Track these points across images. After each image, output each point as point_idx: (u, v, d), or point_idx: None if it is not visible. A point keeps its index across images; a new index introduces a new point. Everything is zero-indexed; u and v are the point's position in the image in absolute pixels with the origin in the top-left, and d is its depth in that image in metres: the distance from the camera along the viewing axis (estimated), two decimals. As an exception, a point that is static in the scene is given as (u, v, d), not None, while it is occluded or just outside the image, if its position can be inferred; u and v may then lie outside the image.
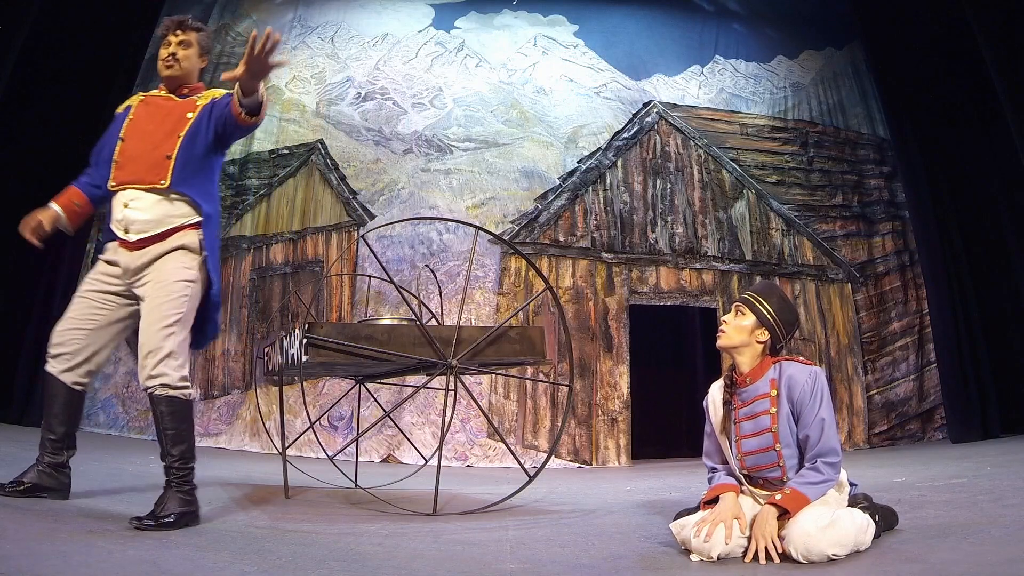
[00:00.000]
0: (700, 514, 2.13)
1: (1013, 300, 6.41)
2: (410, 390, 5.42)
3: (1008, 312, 6.49)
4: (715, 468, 2.31)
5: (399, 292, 3.46)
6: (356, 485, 3.85)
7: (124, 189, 2.51)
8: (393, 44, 8.04)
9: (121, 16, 6.61)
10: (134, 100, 2.70)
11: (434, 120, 7.67)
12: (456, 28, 8.14)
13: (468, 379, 5.94)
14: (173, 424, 2.38)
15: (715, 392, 2.31)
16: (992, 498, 2.70)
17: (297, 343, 2.97)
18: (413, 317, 3.40)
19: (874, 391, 7.15)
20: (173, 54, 2.61)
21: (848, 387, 7.07)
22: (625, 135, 7.69)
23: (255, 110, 2.45)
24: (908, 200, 7.32)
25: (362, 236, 6.81)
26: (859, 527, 1.93)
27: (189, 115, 2.56)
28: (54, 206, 2.66)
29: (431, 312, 4.52)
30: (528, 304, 6.60)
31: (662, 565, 1.97)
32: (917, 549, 1.92)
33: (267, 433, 6.02)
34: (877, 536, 2.02)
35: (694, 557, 1.98)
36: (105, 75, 6.53)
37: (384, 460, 6.38)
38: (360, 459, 4.39)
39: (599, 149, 7.61)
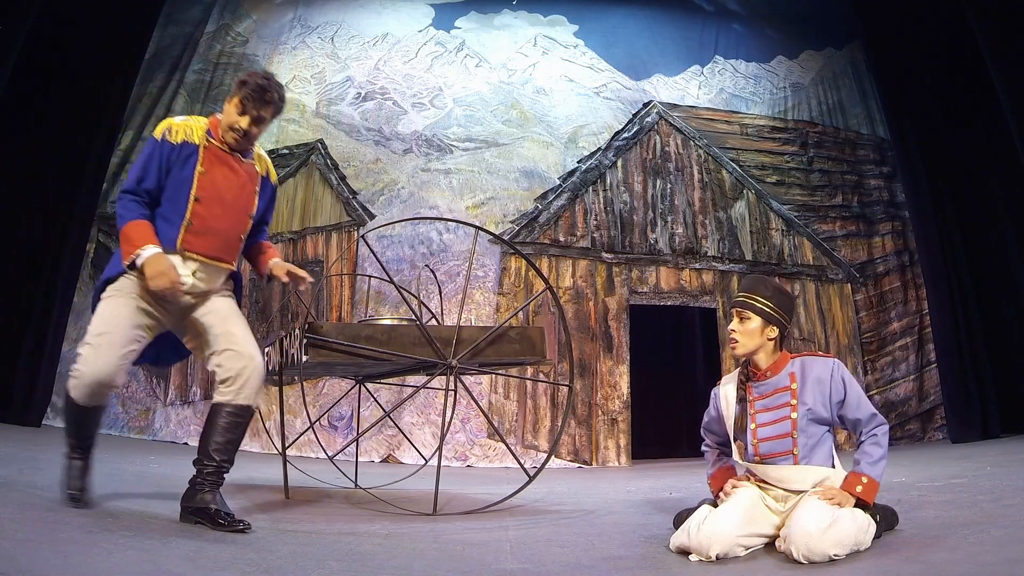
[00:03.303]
0: (703, 510, 2.13)
1: (1013, 300, 6.40)
2: (410, 390, 5.42)
3: (1008, 312, 6.49)
4: (709, 445, 2.48)
5: (399, 292, 3.46)
6: (356, 485, 3.85)
7: (195, 259, 2.44)
8: (393, 44, 8.04)
9: (121, 16, 6.61)
10: (195, 137, 2.45)
11: (434, 120, 7.67)
12: (456, 28, 8.14)
13: (468, 379, 5.94)
14: (243, 435, 2.48)
15: (728, 388, 2.35)
16: (992, 498, 2.70)
17: (297, 343, 2.98)
18: (413, 317, 3.40)
19: (874, 391, 7.15)
20: (247, 133, 2.48)
21: (848, 387, 7.06)
22: (625, 135, 7.70)
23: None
24: (908, 200, 7.32)
25: (362, 236, 6.81)
26: (860, 527, 1.93)
27: (255, 189, 2.59)
28: (156, 250, 2.35)
29: (431, 312, 4.52)
30: (528, 304, 6.60)
31: (662, 565, 1.97)
32: (917, 549, 1.92)
33: (267, 433, 6.02)
34: (878, 536, 2.02)
35: (693, 557, 1.98)
36: (105, 75, 6.53)
37: (384, 460, 6.38)
38: (360, 459, 4.39)
39: (599, 149, 7.61)
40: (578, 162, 7.54)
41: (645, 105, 7.86)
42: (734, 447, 2.29)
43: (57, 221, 6.19)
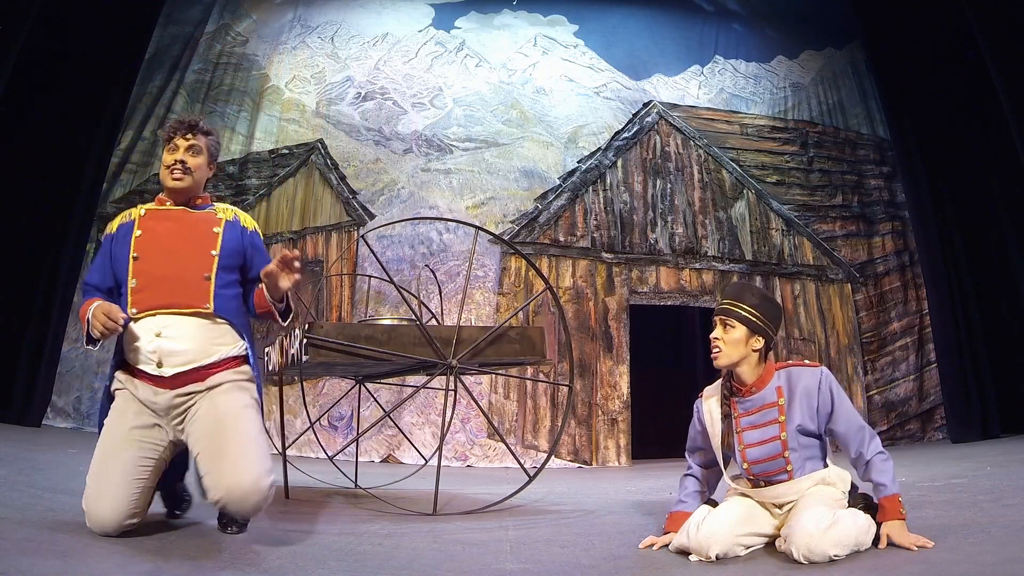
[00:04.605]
0: (702, 510, 2.12)
1: (1013, 300, 6.40)
2: (410, 390, 5.42)
3: (1008, 312, 6.49)
4: (691, 473, 2.31)
5: (399, 292, 3.46)
6: (356, 485, 3.85)
7: (153, 315, 2.12)
8: (393, 44, 8.05)
9: (121, 15, 6.61)
10: (131, 215, 2.30)
11: (434, 120, 7.67)
12: (456, 28, 8.14)
13: (468, 379, 5.93)
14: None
15: (711, 402, 2.24)
16: (992, 498, 2.70)
17: (297, 343, 2.97)
18: (413, 317, 3.40)
19: (874, 391, 7.15)
20: (182, 162, 2.26)
21: (848, 387, 7.07)
22: (625, 135, 7.70)
23: (283, 314, 2.27)
24: (908, 200, 7.32)
25: (362, 236, 6.81)
26: (860, 528, 1.92)
27: (216, 230, 2.27)
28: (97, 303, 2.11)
29: (431, 312, 4.52)
30: (528, 304, 6.60)
31: (662, 565, 1.97)
32: (917, 549, 1.92)
33: (267, 433, 6.01)
34: (878, 537, 2.02)
35: (693, 557, 1.98)
36: (105, 75, 6.53)
37: (384, 460, 6.38)
38: (360, 459, 4.39)
39: (599, 149, 7.61)
40: (578, 162, 7.54)
41: (645, 105, 7.86)
42: (724, 470, 2.21)
43: (57, 221, 6.19)
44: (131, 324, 2.13)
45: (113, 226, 2.32)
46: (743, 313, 2.13)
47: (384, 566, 1.91)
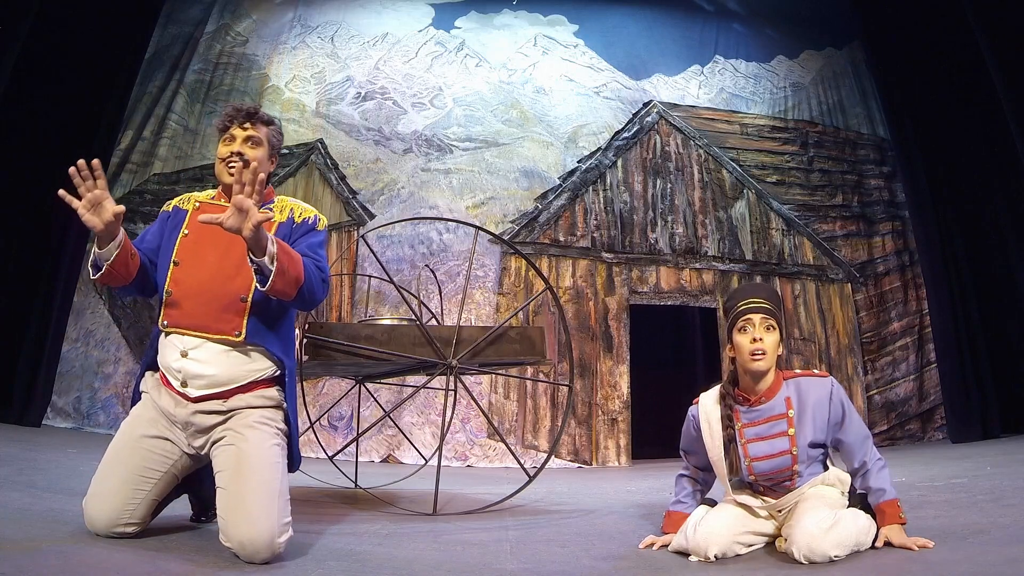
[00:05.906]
0: (700, 511, 2.12)
1: (1013, 300, 6.40)
2: (410, 390, 5.42)
3: (1008, 313, 6.49)
4: (686, 474, 2.29)
5: (399, 292, 3.46)
6: (356, 485, 3.85)
7: (182, 334, 1.99)
8: (393, 44, 8.05)
9: (121, 15, 6.61)
10: (186, 203, 2.16)
11: (434, 120, 7.67)
12: (456, 28, 8.15)
13: (468, 379, 5.94)
14: None
15: (710, 410, 2.17)
16: (992, 498, 2.70)
17: (297, 343, 2.97)
18: (413, 317, 3.40)
19: (874, 391, 7.15)
20: (240, 154, 2.06)
21: (848, 387, 7.07)
22: (625, 135, 7.70)
23: (262, 278, 1.86)
24: (908, 200, 7.33)
25: (362, 236, 6.81)
26: (861, 528, 1.92)
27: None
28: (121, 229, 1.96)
29: (431, 312, 4.52)
30: (528, 304, 6.60)
31: (662, 565, 1.97)
32: (917, 549, 1.92)
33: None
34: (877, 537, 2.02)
35: (692, 558, 1.98)
36: (105, 74, 6.54)
37: (384, 460, 6.38)
38: (360, 459, 4.40)
39: (599, 149, 7.62)
40: (578, 162, 7.54)
41: (645, 105, 7.86)
42: (725, 484, 2.13)
43: (57, 221, 6.19)
44: (161, 336, 2.05)
45: (170, 205, 2.20)
46: (779, 316, 2.08)
47: (384, 566, 1.91)
